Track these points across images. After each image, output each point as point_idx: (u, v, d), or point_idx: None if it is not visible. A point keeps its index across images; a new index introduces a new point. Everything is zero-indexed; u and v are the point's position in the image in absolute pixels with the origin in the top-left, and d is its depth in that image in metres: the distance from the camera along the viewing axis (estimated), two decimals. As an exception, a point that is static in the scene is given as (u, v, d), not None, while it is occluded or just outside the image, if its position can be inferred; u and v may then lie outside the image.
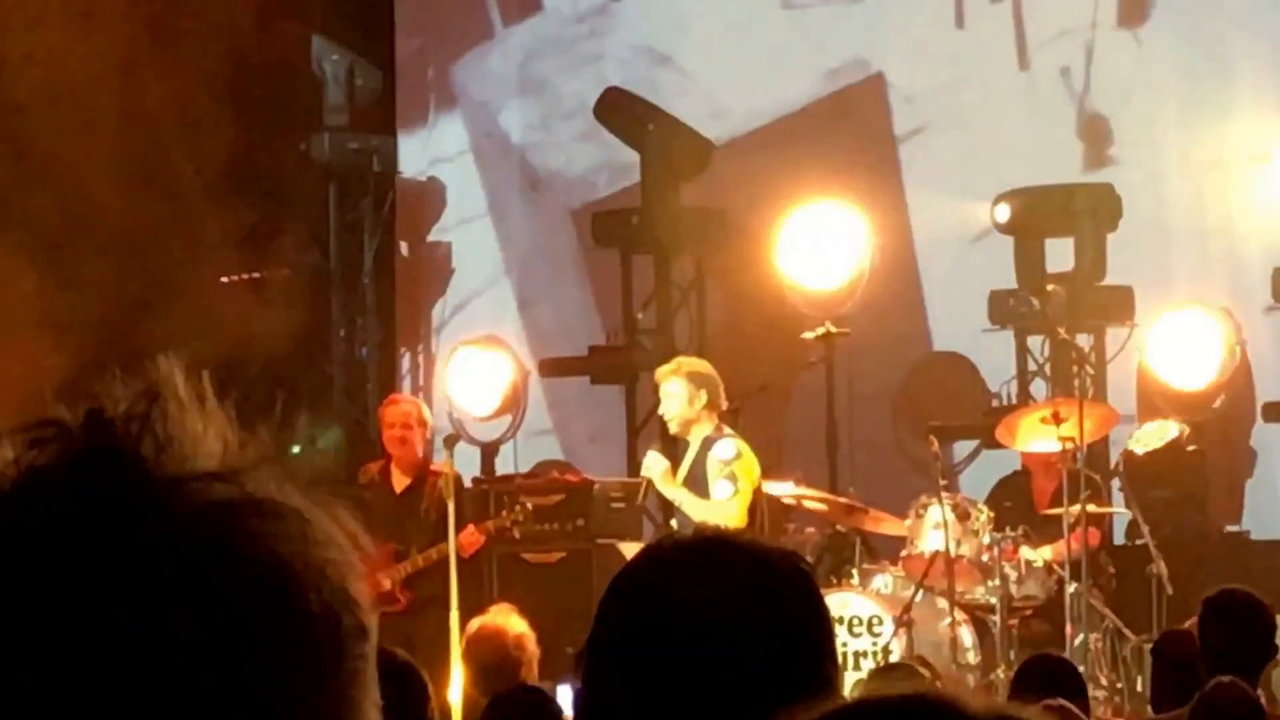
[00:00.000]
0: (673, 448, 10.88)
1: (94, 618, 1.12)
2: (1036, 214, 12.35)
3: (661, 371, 10.41)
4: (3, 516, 1.15)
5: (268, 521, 1.16)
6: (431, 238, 13.96)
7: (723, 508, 9.90)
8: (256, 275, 13.03)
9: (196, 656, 1.13)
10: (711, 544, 2.29)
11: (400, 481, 11.02)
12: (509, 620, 8.25)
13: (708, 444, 10.13)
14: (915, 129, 12.91)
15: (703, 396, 10.07)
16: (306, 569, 1.16)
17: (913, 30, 12.74)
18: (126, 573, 1.13)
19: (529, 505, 11.07)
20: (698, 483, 10.15)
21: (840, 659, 10.54)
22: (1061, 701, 6.59)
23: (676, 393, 10.11)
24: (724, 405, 10.26)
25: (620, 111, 12.81)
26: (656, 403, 12.70)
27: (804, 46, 12.79)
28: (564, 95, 13.40)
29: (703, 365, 10.36)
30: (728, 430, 10.24)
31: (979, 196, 12.56)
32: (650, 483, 10.34)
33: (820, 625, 2.25)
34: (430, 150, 13.77)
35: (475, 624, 8.42)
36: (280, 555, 1.16)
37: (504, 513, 10.99)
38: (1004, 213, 12.36)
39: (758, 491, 10.25)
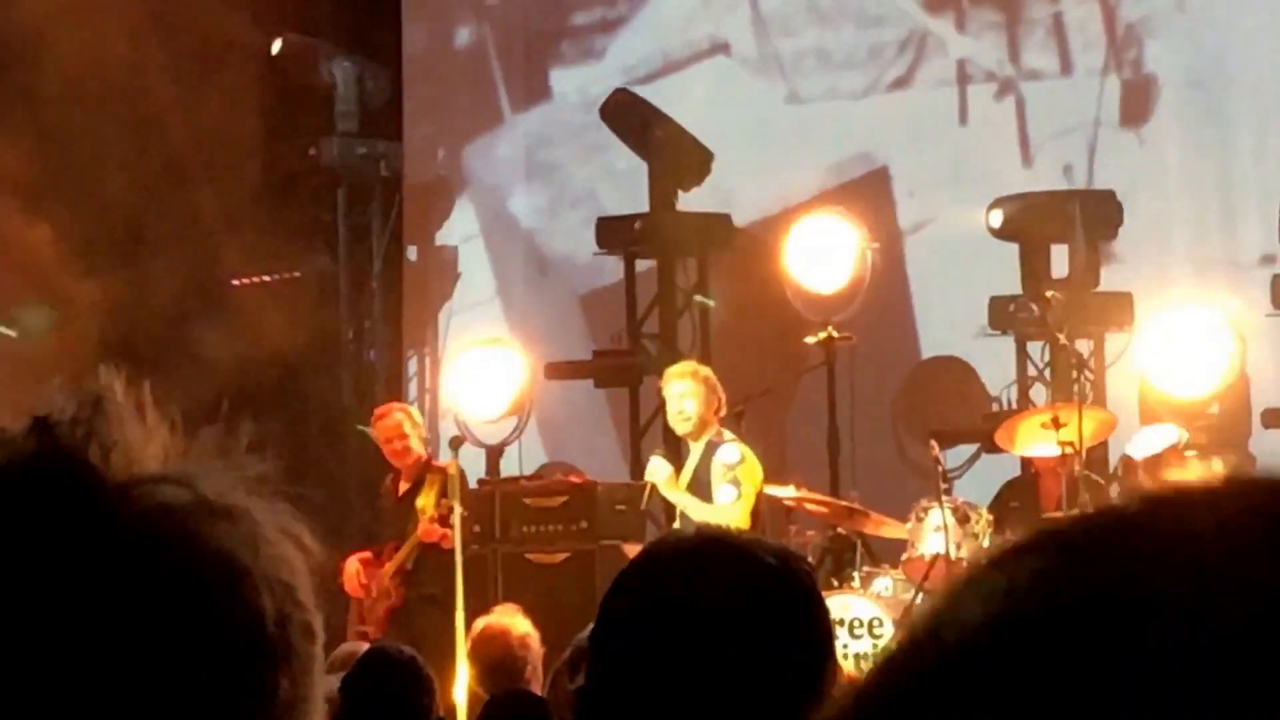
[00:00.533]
0: (674, 451, 10.97)
1: (43, 620, 1.13)
2: (1031, 220, 12.42)
3: (675, 372, 10.46)
4: None
5: (218, 521, 1.17)
6: (438, 242, 14.04)
7: (726, 512, 9.97)
8: (266, 279, 13.10)
9: (146, 655, 1.14)
10: (712, 543, 2.32)
11: (404, 487, 11.24)
12: (514, 620, 8.30)
13: (712, 448, 10.20)
14: (919, 223, 13.00)
15: (714, 401, 10.19)
16: (257, 569, 1.17)
17: (917, 125, 12.83)
18: (77, 575, 1.14)
19: (446, 501, 11.03)
20: (701, 487, 10.22)
21: (841, 661, 10.60)
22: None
23: (692, 393, 10.19)
24: (724, 411, 10.37)
25: (627, 113, 12.87)
26: (660, 405, 12.83)
27: (810, 140, 12.88)
28: (572, 182, 13.47)
29: (710, 371, 10.47)
30: (729, 435, 10.31)
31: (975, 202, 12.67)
32: (654, 487, 10.42)
33: (819, 623, 2.29)
34: (442, 232, 13.85)
35: (480, 624, 8.47)
36: (230, 555, 1.16)
37: (442, 500, 11.07)
38: (997, 218, 12.45)
39: (759, 495, 10.34)
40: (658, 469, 10.31)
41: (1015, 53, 12.93)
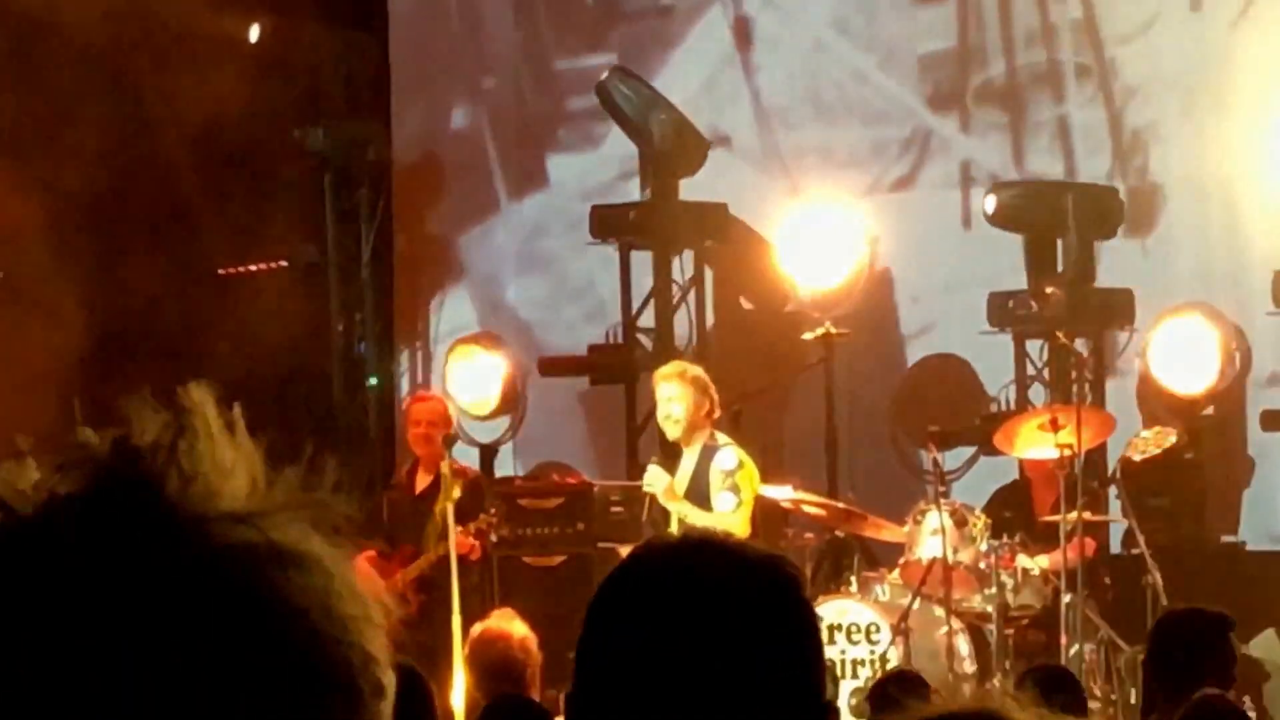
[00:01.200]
0: (669, 452, 10.90)
1: (98, 656, 1.10)
2: (1027, 209, 12.33)
3: (662, 373, 10.32)
4: (19, 543, 1.13)
5: (289, 571, 1.14)
6: (428, 230, 13.89)
7: (726, 520, 9.89)
8: (253, 268, 12.95)
9: (202, 706, 1.10)
10: (698, 547, 2.28)
11: (422, 481, 10.99)
12: (512, 624, 8.26)
13: (708, 453, 10.10)
14: (922, 328, 12.87)
15: (705, 403, 10.05)
16: (326, 623, 1.14)
17: (920, 230, 12.69)
18: (138, 614, 1.11)
19: (495, 512, 10.97)
20: (699, 493, 10.13)
21: (838, 667, 10.54)
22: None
23: (680, 396, 10.06)
24: (718, 413, 10.25)
25: (626, 96, 12.67)
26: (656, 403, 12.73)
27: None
28: (570, 273, 13.30)
29: (701, 370, 10.31)
30: (724, 438, 10.24)
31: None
32: (653, 498, 10.32)
33: (806, 628, 2.25)
34: (440, 323, 13.69)
35: (478, 628, 8.43)
36: (299, 607, 1.13)
37: (481, 515, 10.95)
38: (991, 204, 12.34)
39: (757, 500, 10.28)
40: (656, 479, 10.20)
41: (1019, 155, 12.79)
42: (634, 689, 2.18)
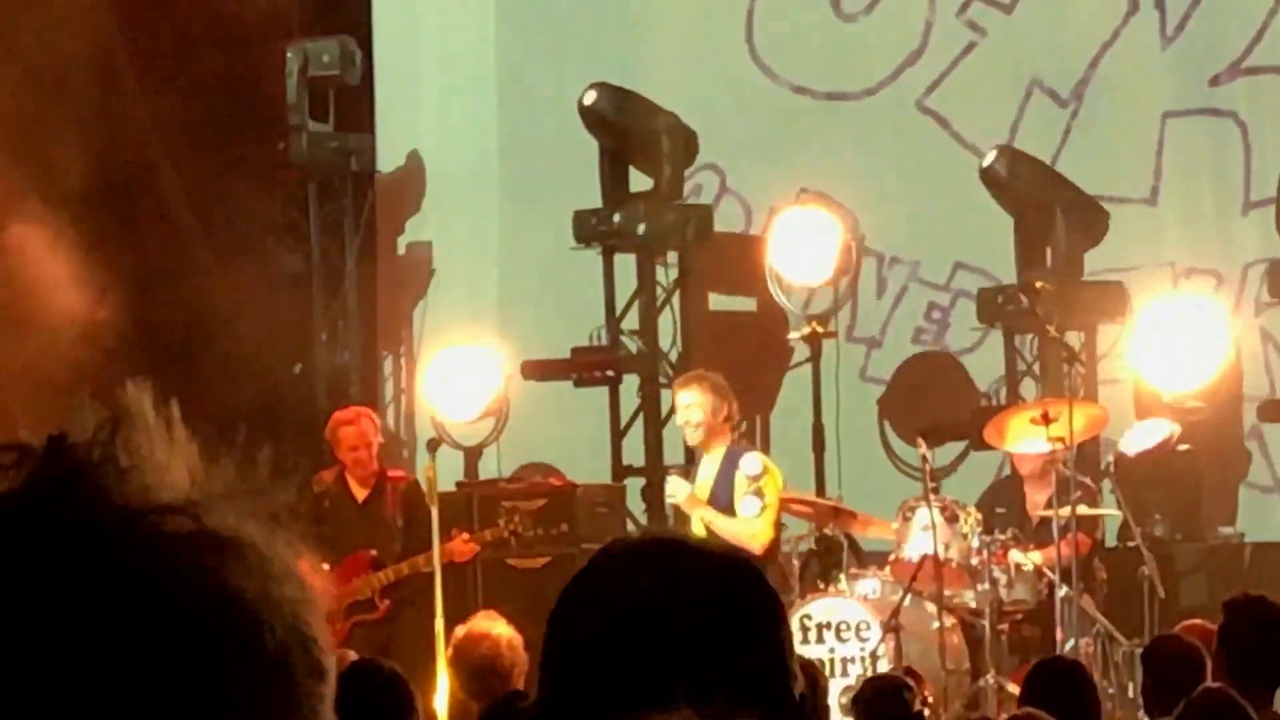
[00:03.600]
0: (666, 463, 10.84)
1: (38, 648, 1.10)
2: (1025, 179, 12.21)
3: (680, 381, 10.48)
4: None
5: (224, 556, 1.15)
6: (411, 238, 13.82)
7: (750, 525, 9.95)
8: (237, 279, 12.87)
9: (142, 693, 1.11)
10: (661, 546, 2.27)
11: (359, 491, 10.98)
12: (496, 625, 8.19)
13: (731, 458, 10.12)
14: (912, 324, 12.76)
15: (724, 408, 10.06)
16: (263, 606, 1.14)
17: (908, 225, 12.55)
18: (75, 604, 1.11)
19: (519, 512, 10.98)
20: (722, 499, 10.14)
21: (828, 665, 10.37)
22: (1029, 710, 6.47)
23: (699, 402, 10.10)
24: (738, 419, 10.30)
25: (607, 109, 12.61)
26: (640, 405, 12.64)
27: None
28: (553, 276, 13.19)
29: (720, 378, 10.31)
30: (746, 444, 10.27)
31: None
32: (677, 509, 10.27)
33: (774, 624, 2.21)
34: (414, 228, 13.62)
35: (462, 630, 8.34)
36: (235, 591, 1.14)
37: (501, 522, 10.90)
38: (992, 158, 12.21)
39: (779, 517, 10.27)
40: (677, 489, 10.21)
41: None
42: (596, 689, 2.16)
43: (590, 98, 12.60)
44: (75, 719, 1.10)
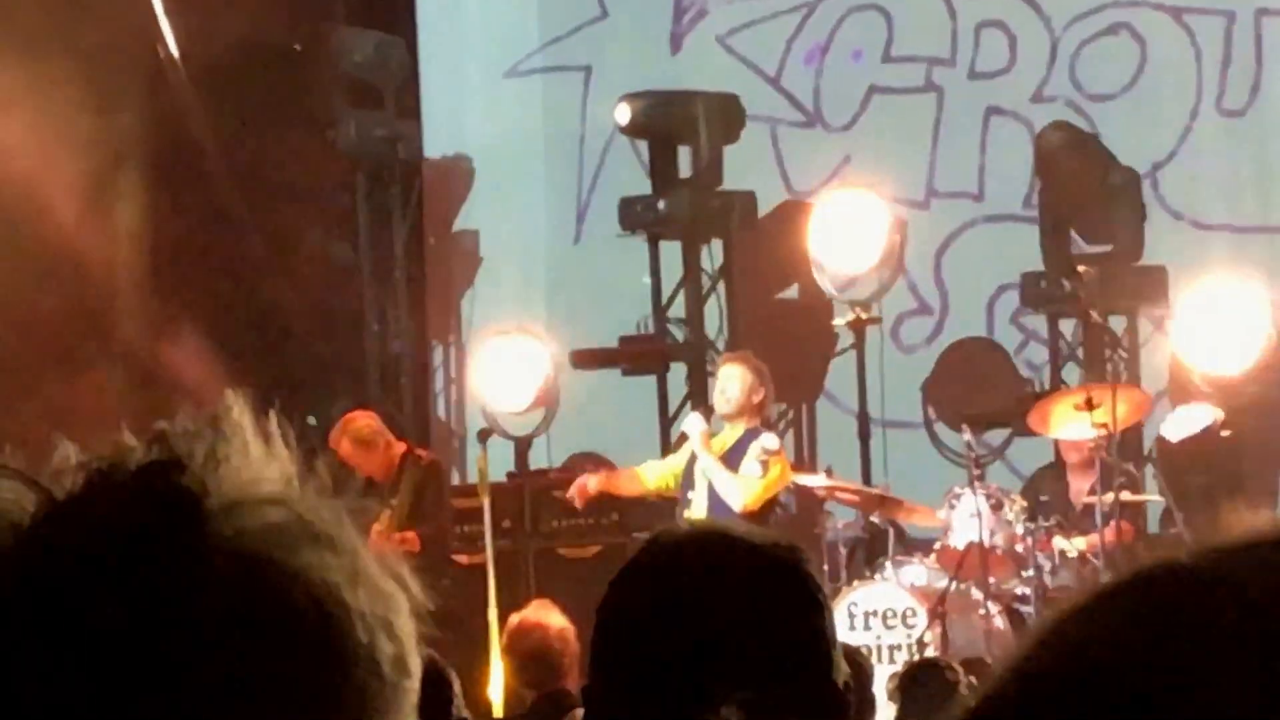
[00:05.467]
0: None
1: (134, 637, 1.12)
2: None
3: (728, 357, 10.68)
4: (53, 529, 1.15)
5: (321, 548, 1.17)
6: (459, 225, 13.88)
7: (746, 482, 10.02)
8: (289, 268, 12.95)
9: (234, 681, 1.13)
10: (711, 538, 2.31)
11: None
12: (550, 615, 8.29)
13: (751, 434, 10.21)
14: (954, 311, 12.74)
15: (760, 390, 10.19)
16: (355, 601, 1.16)
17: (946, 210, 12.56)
18: (173, 593, 1.13)
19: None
20: (729, 465, 10.24)
21: (875, 653, 10.44)
22: None
23: (739, 375, 10.25)
24: (769, 408, 10.40)
25: (648, 116, 12.66)
26: (688, 392, 12.71)
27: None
28: (600, 265, 13.21)
29: (764, 367, 10.44)
30: (769, 430, 10.38)
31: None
32: (684, 440, 10.42)
33: (816, 616, 2.24)
34: (472, 318, 13.60)
35: (515, 619, 8.46)
36: (332, 584, 1.16)
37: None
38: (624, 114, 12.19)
39: (774, 498, 10.33)
40: (694, 422, 10.36)
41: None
42: (646, 677, 2.20)
43: (623, 115, 12.65)
44: (178, 700, 1.12)
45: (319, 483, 1.21)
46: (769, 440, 10.23)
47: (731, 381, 10.26)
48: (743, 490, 9.97)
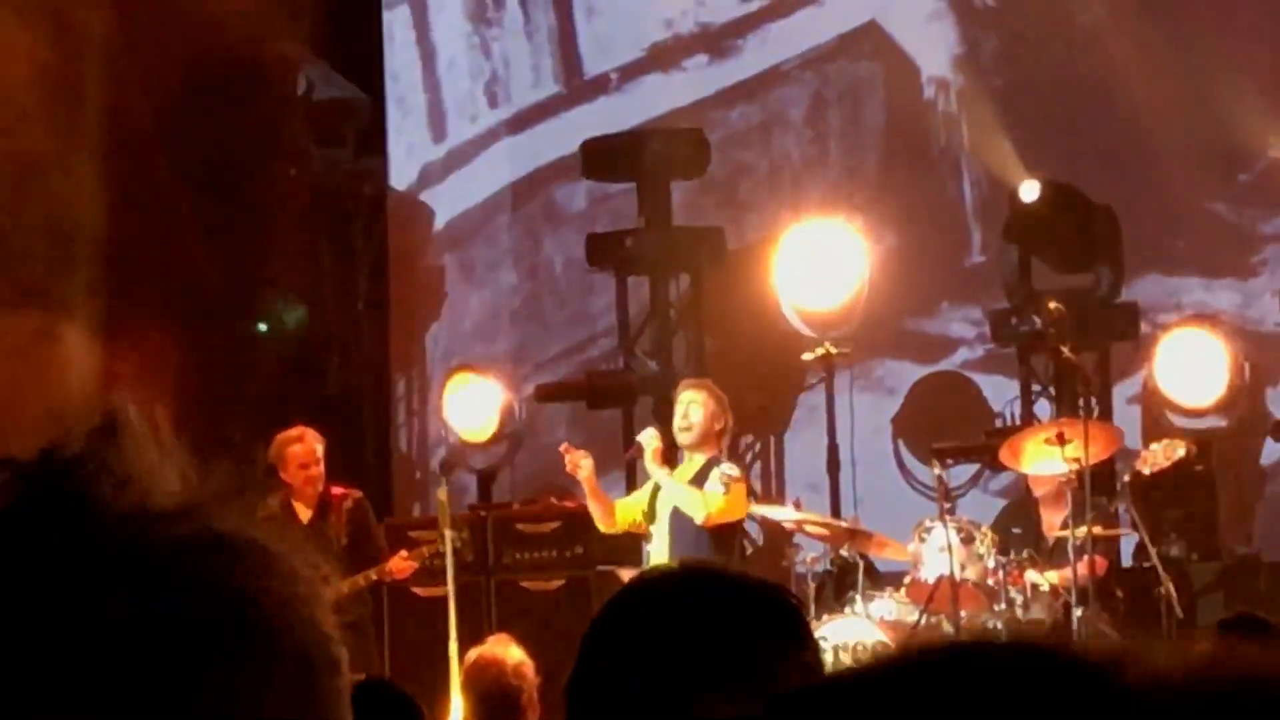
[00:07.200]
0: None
1: (51, 662, 1.08)
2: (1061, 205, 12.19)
3: (687, 383, 10.49)
4: None
5: (232, 557, 1.14)
6: (423, 260, 13.81)
7: (709, 496, 9.84)
8: (250, 303, 12.87)
9: (169, 701, 1.09)
10: (697, 577, 2.25)
11: (304, 513, 10.78)
12: (507, 650, 8.14)
13: (713, 461, 10.07)
14: (924, 345, 12.67)
15: (721, 419, 10.04)
16: (273, 604, 1.14)
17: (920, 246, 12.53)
18: (85, 616, 1.09)
19: (427, 549, 10.79)
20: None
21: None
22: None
23: (701, 402, 10.10)
24: (729, 436, 10.26)
25: (607, 154, 12.61)
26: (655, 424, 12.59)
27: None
28: (567, 299, 13.18)
29: (723, 395, 10.30)
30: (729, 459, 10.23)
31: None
32: (640, 453, 10.26)
33: (808, 658, 2.20)
34: (436, 352, 13.54)
35: (473, 654, 8.31)
36: (252, 592, 1.13)
37: (424, 548, 10.81)
38: (1031, 191, 12.13)
39: (739, 523, 10.17)
40: (650, 438, 10.16)
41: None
42: (632, 713, 2.14)
43: (585, 155, 12.60)
44: (74, 712, 1.08)
45: (221, 479, 1.17)
46: (730, 468, 10.10)
47: (694, 406, 10.11)
48: (704, 502, 9.81)
